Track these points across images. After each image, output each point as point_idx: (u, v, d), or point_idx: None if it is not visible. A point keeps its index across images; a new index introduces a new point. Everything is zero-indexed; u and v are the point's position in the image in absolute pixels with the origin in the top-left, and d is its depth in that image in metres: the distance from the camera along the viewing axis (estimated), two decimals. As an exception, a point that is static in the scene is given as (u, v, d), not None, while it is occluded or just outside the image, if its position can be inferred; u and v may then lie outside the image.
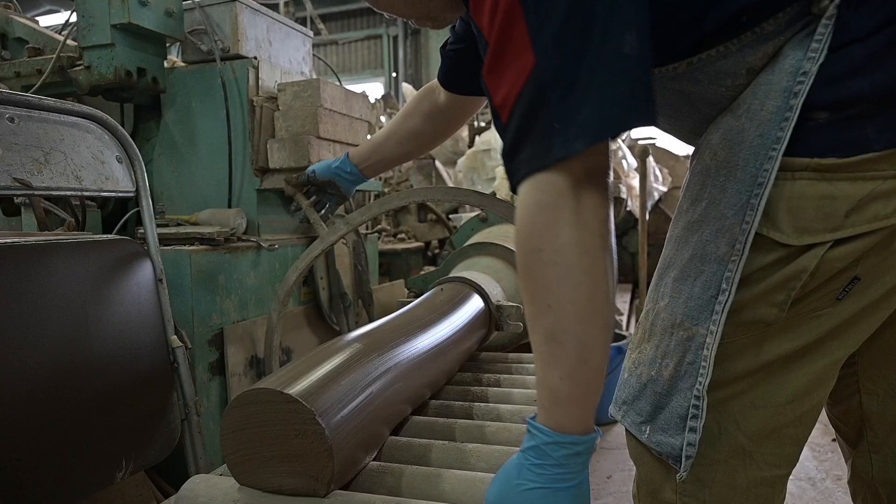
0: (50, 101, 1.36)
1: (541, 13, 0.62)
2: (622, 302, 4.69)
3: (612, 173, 0.68)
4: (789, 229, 0.69)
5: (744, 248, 0.70)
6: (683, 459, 0.75)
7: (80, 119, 1.42)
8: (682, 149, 5.45)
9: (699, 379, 0.73)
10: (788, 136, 0.67)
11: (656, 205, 5.06)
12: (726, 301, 0.71)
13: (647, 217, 4.57)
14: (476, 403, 1.12)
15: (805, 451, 2.53)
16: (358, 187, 1.75)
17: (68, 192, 1.37)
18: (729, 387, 0.77)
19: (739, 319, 0.74)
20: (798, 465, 2.83)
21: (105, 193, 1.44)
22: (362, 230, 2.84)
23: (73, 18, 2.02)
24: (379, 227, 3.91)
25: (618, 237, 3.34)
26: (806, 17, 0.68)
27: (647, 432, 0.79)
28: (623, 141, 3.42)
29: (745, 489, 0.79)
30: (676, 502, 0.81)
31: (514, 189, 0.69)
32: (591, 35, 0.61)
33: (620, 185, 3.57)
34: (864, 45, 0.65)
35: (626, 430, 0.87)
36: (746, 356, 0.75)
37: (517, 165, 0.68)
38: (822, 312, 0.72)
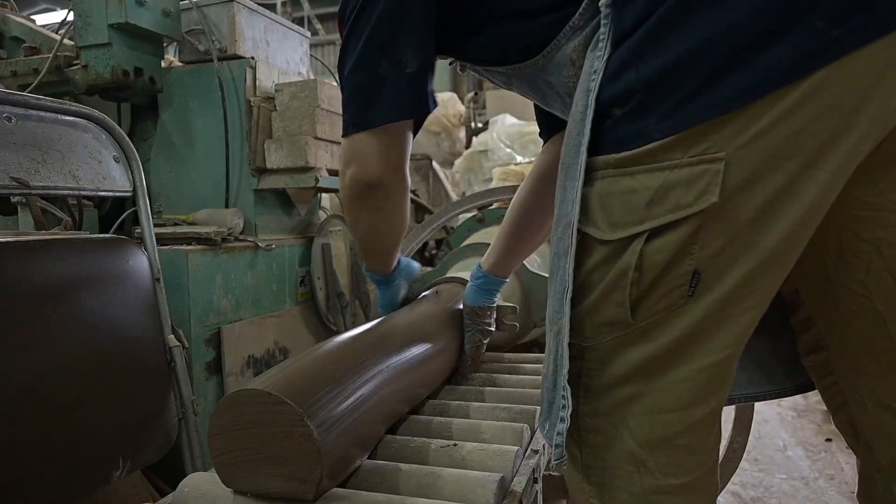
0: (47, 100, 1.36)
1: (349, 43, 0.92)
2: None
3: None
4: (604, 225, 0.73)
5: (573, 239, 0.74)
6: (553, 448, 0.77)
7: (77, 118, 1.43)
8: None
9: (563, 371, 0.76)
10: (588, 131, 0.72)
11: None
12: (568, 290, 0.75)
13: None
14: (473, 403, 1.13)
15: (798, 451, 2.55)
16: None
17: (65, 192, 1.37)
18: (615, 391, 0.78)
19: (597, 320, 0.76)
20: (791, 463, 2.80)
21: (102, 193, 1.44)
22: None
23: (70, 17, 2.02)
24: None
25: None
26: (597, 14, 0.74)
27: (546, 429, 0.81)
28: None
29: (643, 496, 0.78)
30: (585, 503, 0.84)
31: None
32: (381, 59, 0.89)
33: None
34: (631, 40, 0.69)
35: None
36: (620, 359, 0.77)
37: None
38: (679, 311, 0.72)
